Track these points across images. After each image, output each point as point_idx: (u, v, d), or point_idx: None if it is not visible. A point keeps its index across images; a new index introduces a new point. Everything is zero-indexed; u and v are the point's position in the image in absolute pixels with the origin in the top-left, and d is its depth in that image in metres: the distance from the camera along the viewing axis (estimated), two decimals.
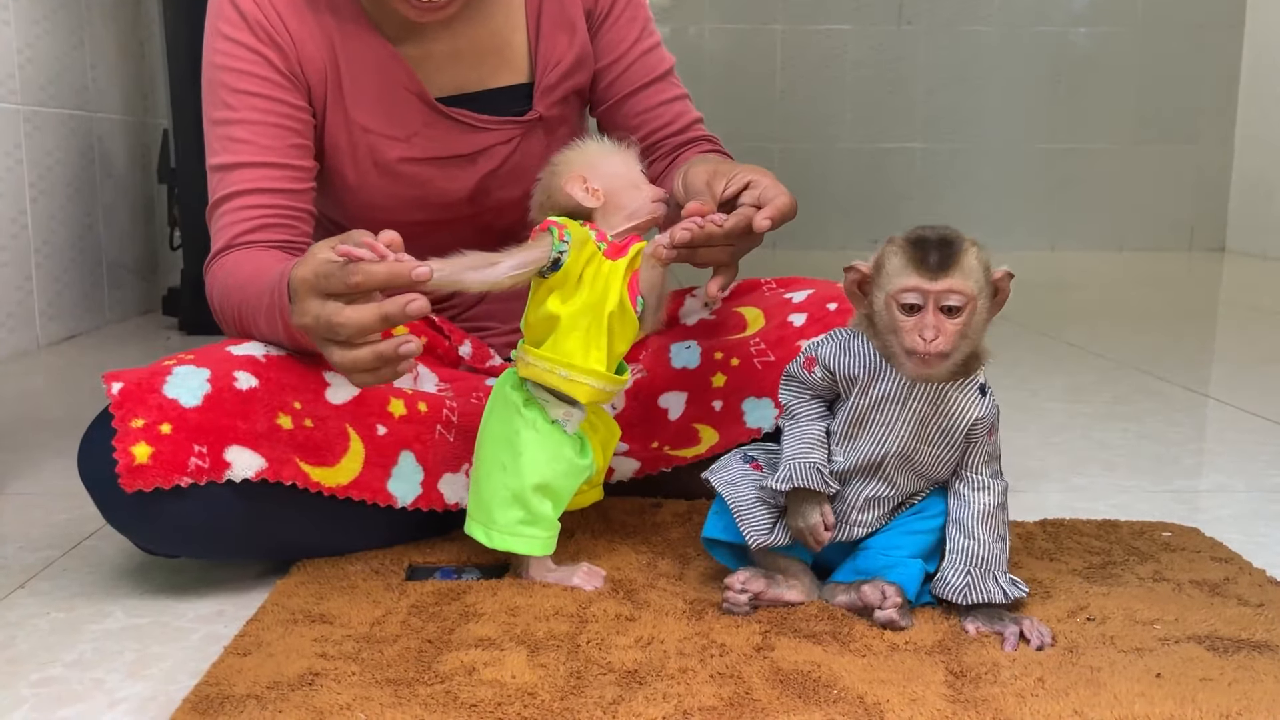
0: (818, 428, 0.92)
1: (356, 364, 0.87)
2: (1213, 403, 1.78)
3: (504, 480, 0.96)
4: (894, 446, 0.89)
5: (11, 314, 2.16)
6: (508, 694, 0.78)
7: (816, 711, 0.75)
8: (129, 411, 0.92)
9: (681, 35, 4.12)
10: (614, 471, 1.13)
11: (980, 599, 0.89)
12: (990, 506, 0.90)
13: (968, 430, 0.89)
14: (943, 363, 0.85)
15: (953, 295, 0.84)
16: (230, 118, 1.14)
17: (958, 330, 0.84)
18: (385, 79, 1.18)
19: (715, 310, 1.26)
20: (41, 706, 0.80)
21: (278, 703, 0.77)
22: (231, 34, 1.13)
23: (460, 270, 0.90)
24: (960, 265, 0.84)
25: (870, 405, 0.89)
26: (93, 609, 0.97)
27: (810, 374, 0.92)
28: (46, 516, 1.22)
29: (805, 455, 0.91)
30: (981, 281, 0.85)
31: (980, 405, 0.89)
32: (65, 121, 2.37)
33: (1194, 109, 4.26)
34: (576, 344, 0.95)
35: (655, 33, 1.30)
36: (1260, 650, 0.84)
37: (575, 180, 0.99)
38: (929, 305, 0.84)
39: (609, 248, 0.97)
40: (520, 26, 1.23)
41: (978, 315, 0.85)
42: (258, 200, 1.13)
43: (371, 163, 1.19)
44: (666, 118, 1.29)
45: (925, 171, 4.27)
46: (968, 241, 0.86)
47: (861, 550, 0.93)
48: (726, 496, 0.93)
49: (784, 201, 1.02)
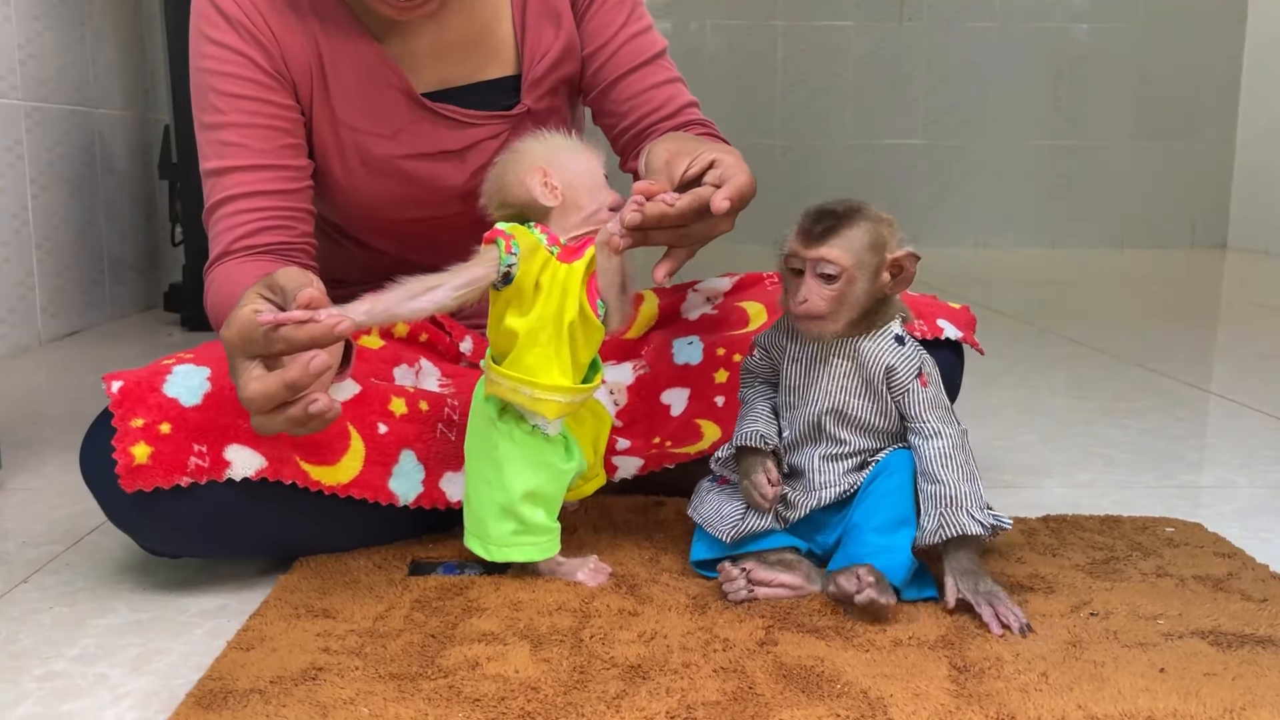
0: (762, 405, 0.98)
1: (270, 430, 0.83)
2: (1215, 398, 1.78)
3: (490, 495, 0.95)
4: (825, 403, 0.94)
5: (13, 310, 2.16)
6: (511, 688, 0.78)
7: (820, 706, 0.75)
8: (128, 411, 0.92)
9: (682, 32, 4.12)
10: (617, 469, 1.12)
11: (955, 532, 0.89)
12: (946, 449, 0.92)
13: (887, 378, 0.93)
14: (822, 324, 0.91)
15: (826, 264, 0.90)
16: (220, 121, 1.14)
17: (833, 296, 0.90)
18: (369, 76, 1.17)
19: (717, 305, 1.26)
20: (45, 701, 0.80)
21: (281, 697, 0.77)
22: (215, 36, 1.13)
23: (396, 303, 0.86)
24: (839, 236, 0.90)
25: (800, 371, 0.96)
26: (96, 604, 0.97)
27: (753, 357, 0.99)
28: (49, 512, 1.22)
29: (749, 426, 0.97)
30: (863, 255, 0.90)
31: (893, 354, 0.93)
32: (66, 117, 2.37)
33: (1196, 105, 4.26)
34: (538, 359, 0.92)
35: (645, 16, 1.28)
36: (1264, 645, 0.84)
37: (534, 173, 0.93)
38: (807, 270, 0.91)
39: (562, 251, 0.92)
40: (506, 18, 1.22)
41: (858, 284, 0.90)
42: (252, 204, 1.13)
43: (359, 161, 1.19)
44: (657, 101, 1.26)
45: (926, 168, 4.27)
46: (864, 217, 0.91)
47: (849, 532, 0.94)
48: (692, 515, 0.99)
49: (743, 180, 0.96)
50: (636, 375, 1.21)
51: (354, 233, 1.28)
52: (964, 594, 0.89)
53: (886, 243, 0.91)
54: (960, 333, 1.16)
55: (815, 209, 0.92)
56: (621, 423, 1.20)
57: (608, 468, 1.11)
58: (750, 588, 0.92)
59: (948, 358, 1.16)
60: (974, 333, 1.20)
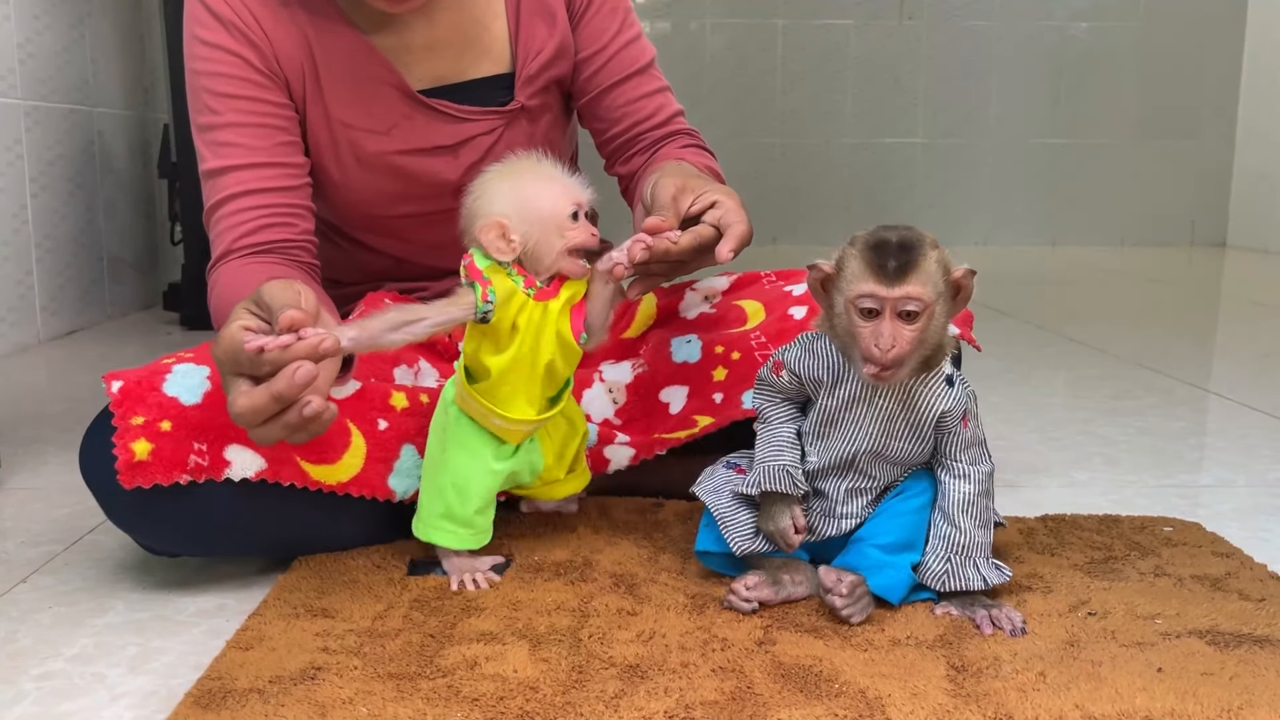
0: (788, 430, 0.93)
1: (269, 440, 0.84)
2: (1214, 398, 1.78)
3: (432, 473, 0.99)
4: (864, 444, 0.90)
5: (13, 309, 2.16)
6: (510, 688, 0.78)
7: (818, 705, 0.75)
8: (129, 409, 0.92)
9: (683, 30, 4.12)
10: (609, 462, 1.12)
11: (959, 586, 0.90)
12: (972, 495, 0.91)
13: (937, 423, 0.90)
14: (899, 371, 0.85)
15: (910, 301, 0.83)
16: (215, 122, 1.14)
17: (915, 336, 0.84)
18: (361, 72, 1.17)
19: (715, 304, 1.26)
20: (43, 700, 0.80)
21: (280, 696, 0.77)
22: (207, 37, 1.13)
23: (379, 333, 0.88)
24: (918, 270, 0.83)
25: (838, 406, 0.90)
26: (94, 603, 0.97)
27: (779, 378, 0.93)
28: (48, 511, 1.22)
29: (775, 458, 0.92)
30: (940, 285, 0.85)
31: (946, 398, 0.89)
32: (66, 116, 2.37)
33: (1195, 104, 4.26)
34: (509, 395, 0.96)
35: (636, 23, 1.30)
36: (1261, 645, 0.84)
37: (491, 230, 0.91)
38: (886, 311, 0.84)
39: (538, 292, 0.94)
40: (500, 14, 1.22)
41: (936, 319, 0.85)
42: (252, 202, 1.14)
43: (353, 158, 1.19)
44: (648, 110, 1.29)
45: (927, 167, 4.27)
46: (928, 244, 0.85)
47: (853, 543, 0.93)
48: (710, 505, 0.95)
49: (743, 230, 1.03)
50: (635, 374, 1.22)
51: (349, 231, 1.28)
52: (957, 615, 0.90)
53: (948, 265, 0.86)
54: (957, 330, 1.16)
55: (876, 241, 0.84)
56: (620, 420, 1.20)
57: (600, 462, 1.11)
58: (755, 606, 0.91)
59: None
60: (971, 329, 1.20)
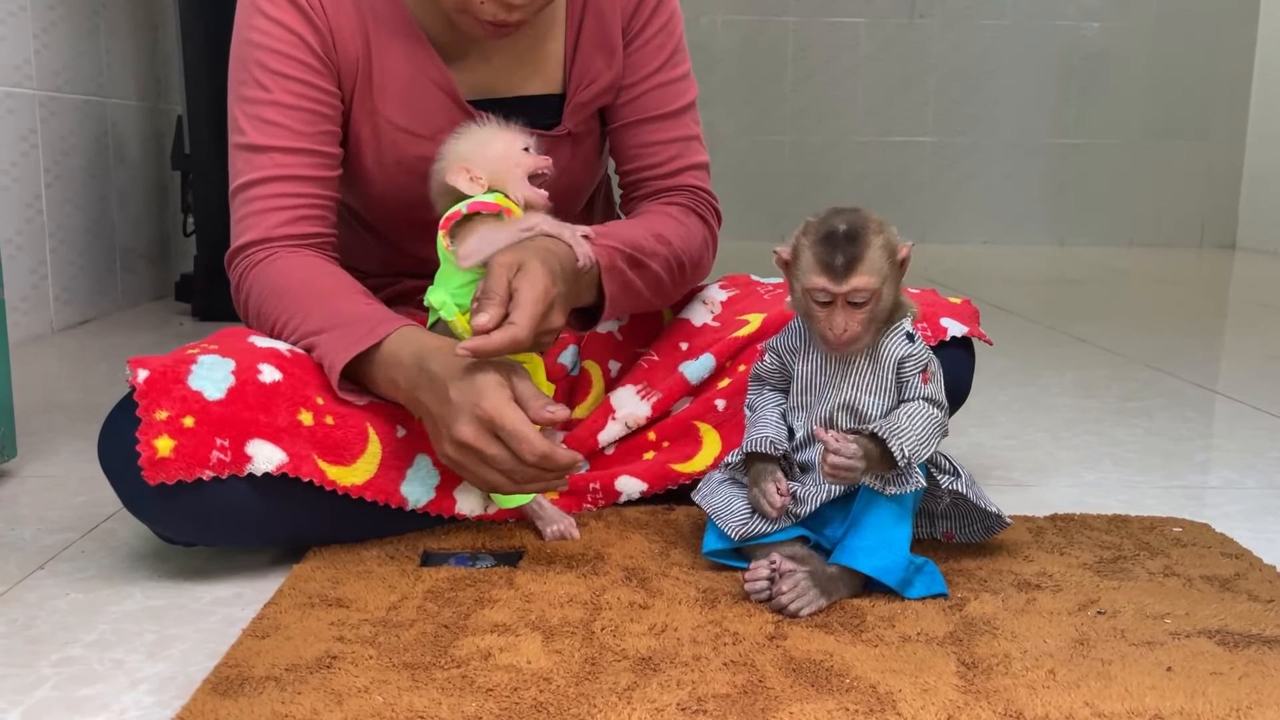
0: (772, 411, 1.00)
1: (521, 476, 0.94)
2: (1222, 399, 1.78)
3: None
4: (839, 399, 0.96)
5: (26, 298, 2.17)
6: (523, 679, 0.78)
7: (829, 700, 0.76)
8: (153, 402, 0.93)
9: (693, 27, 4.12)
10: (621, 494, 1.14)
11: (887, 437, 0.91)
12: (923, 410, 0.94)
13: (898, 369, 0.95)
14: (858, 345, 0.93)
15: (858, 293, 0.91)
16: (262, 98, 1.11)
17: (865, 317, 0.92)
18: (416, 73, 1.15)
19: (718, 316, 1.26)
20: (63, 686, 0.81)
21: (296, 684, 0.78)
22: (272, 12, 1.11)
23: None
24: (864, 262, 0.90)
25: (814, 370, 0.97)
26: (111, 590, 0.98)
27: (763, 361, 1.01)
28: (64, 499, 1.23)
29: (759, 432, 0.98)
30: (885, 269, 0.91)
31: (905, 347, 0.95)
32: (80, 107, 2.38)
33: (1206, 105, 4.25)
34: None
35: (683, 61, 1.24)
36: (1270, 645, 0.85)
37: (459, 172, 1.04)
38: (838, 302, 0.91)
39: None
40: (558, 37, 1.20)
41: (884, 297, 0.92)
42: (291, 189, 1.11)
43: (394, 159, 1.17)
44: (661, 157, 1.23)
45: (936, 165, 4.27)
46: (872, 230, 0.91)
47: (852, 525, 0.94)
48: (702, 504, 1.00)
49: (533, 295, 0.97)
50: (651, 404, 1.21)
51: (373, 223, 1.28)
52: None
53: (894, 245, 0.93)
54: (965, 327, 1.17)
55: (824, 233, 0.91)
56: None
57: (611, 492, 1.14)
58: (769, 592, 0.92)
59: (958, 356, 1.16)
60: (978, 325, 1.20)
